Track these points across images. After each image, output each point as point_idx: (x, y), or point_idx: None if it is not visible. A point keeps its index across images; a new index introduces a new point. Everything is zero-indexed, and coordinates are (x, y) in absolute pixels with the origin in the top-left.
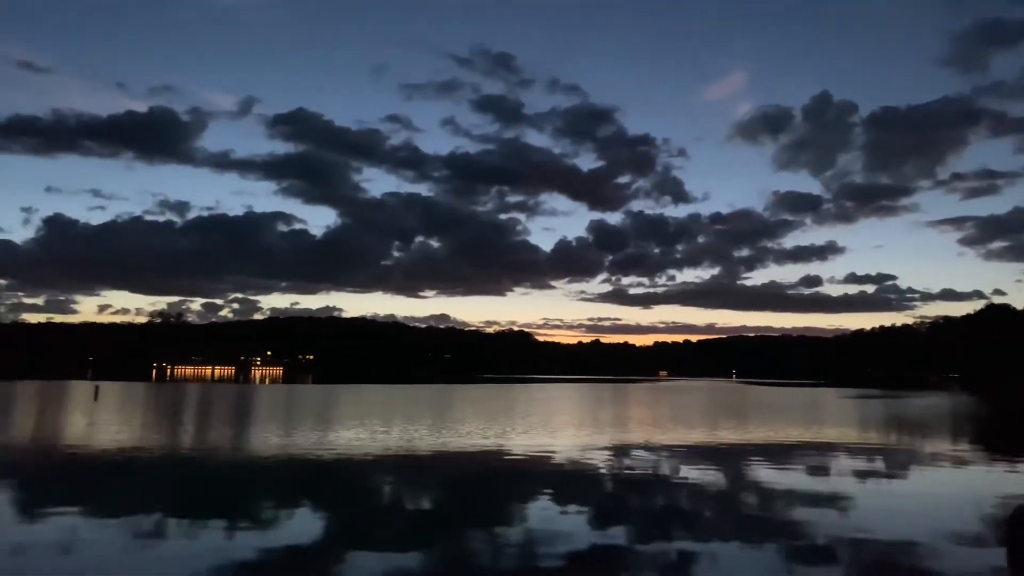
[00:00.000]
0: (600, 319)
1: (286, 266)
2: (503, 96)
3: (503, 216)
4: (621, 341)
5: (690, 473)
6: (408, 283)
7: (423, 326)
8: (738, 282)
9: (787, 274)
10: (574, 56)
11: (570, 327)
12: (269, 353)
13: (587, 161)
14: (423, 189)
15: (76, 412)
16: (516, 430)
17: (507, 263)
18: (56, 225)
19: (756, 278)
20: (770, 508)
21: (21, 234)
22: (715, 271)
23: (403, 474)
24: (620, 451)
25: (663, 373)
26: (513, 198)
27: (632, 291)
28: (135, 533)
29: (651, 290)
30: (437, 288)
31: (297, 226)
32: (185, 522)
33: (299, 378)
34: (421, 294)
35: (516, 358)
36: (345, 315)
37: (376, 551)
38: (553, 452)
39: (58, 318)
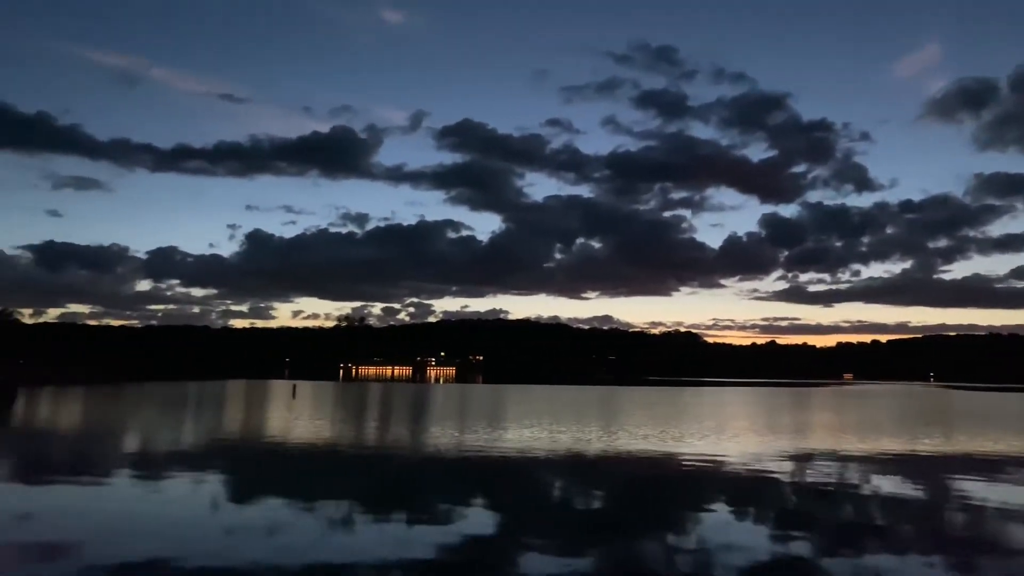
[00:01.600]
0: (775, 319)
1: (456, 271)
2: (664, 90)
3: (667, 214)
4: (799, 342)
5: (882, 484)
6: (571, 285)
7: (586, 327)
8: (935, 276)
9: (994, 266)
10: (739, 43)
11: (742, 328)
12: (443, 354)
13: (757, 151)
14: (584, 191)
15: (279, 408)
16: (689, 434)
17: (672, 262)
18: (256, 239)
19: (956, 271)
20: (976, 527)
21: (228, 248)
22: (906, 264)
23: (576, 475)
24: (803, 459)
25: (848, 376)
26: (677, 194)
27: (811, 288)
28: (328, 520)
29: (833, 287)
30: (600, 289)
31: (465, 232)
32: (371, 512)
33: (470, 377)
34: (584, 295)
35: (683, 360)
36: (511, 317)
37: (547, 551)
38: (728, 458)
39: (259, 323)
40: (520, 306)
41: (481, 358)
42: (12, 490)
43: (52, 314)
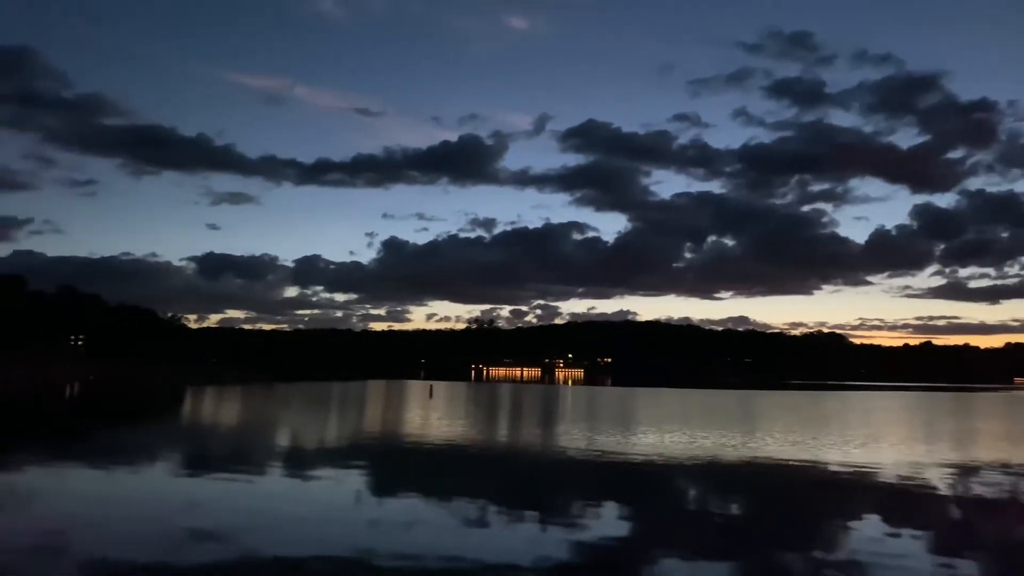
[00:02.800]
0: (931, 317)
1: (582, 273)
2: (799, 78)
3: (805, 208)
4: (959, 343)
5: None
6: (702, 285)
7: (719, 329)
8: None
9: None
10: (883, 22)
11: (892, 328)
12: (570, 356)
13: (906, 137)
14: (714, 187)
15: (417, 407)
16: (840, 441)
17: (813, 259)
18: (391, 246)
19: None
20: None
21: (366, 255)
22: None
23: (717, 481)
24: (968, 471)
25: (1020, 380)
26: (817, 187)
27: (973, 284)
28: (464, 518)
29: (998, 282)
30: (734, 289)
31: (590, 234)
32: (508, 511)
33: (598, 380)
34: (717, 296)
35: (827, 362)
36: (639, 319)
37: (682, 558)
38: (883, 467)
39: (396, 326)
40: (649, 307)
41: (609, 360)
42: (178, 481)
43: (213, 319)
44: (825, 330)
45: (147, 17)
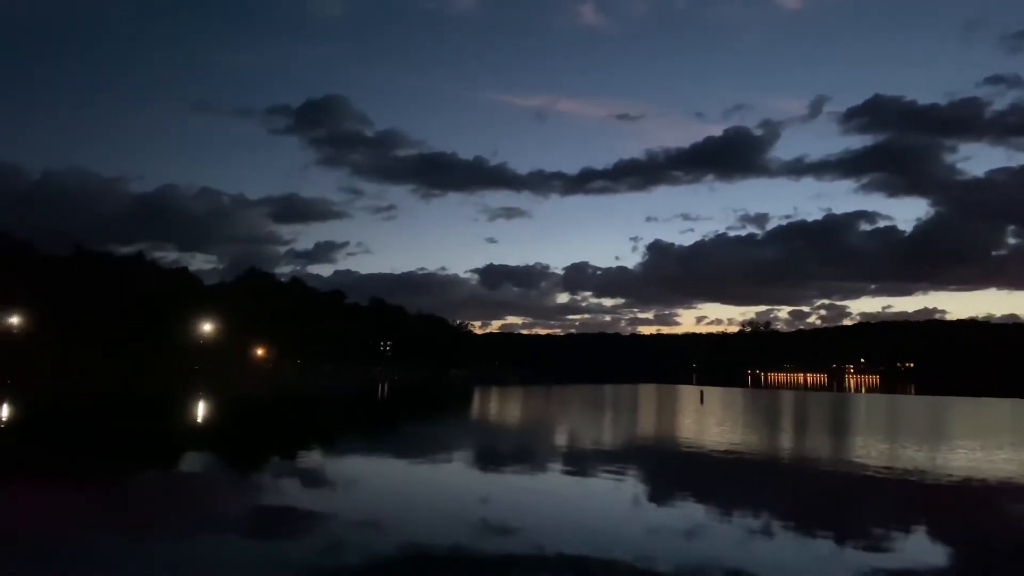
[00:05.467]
0: None
1: (874, 267)
2: None
3: None
4: None
5: None
6: None
7: None
8: None
9: None
10: None
11: None
12: (862, 360)
13: None
14: None
15: (688, 414)
16: None
17: None
18: (656, 249)
19: None
20: None
21: (631, 260)
22: None
23: None
24: None
25: None
26: None
27: None
28: (748, 530)
29: None
30: None
31: (882, 223)
32: (791, 526)
33: (899, 387)
34: None
35: None
36: (949, 317)
37: None
38: None
39: (664, 329)
40: (961, 304)
41: (911, 365)
42: (468, 475)
43: (495, 325)
44: None
45: (424, 54)
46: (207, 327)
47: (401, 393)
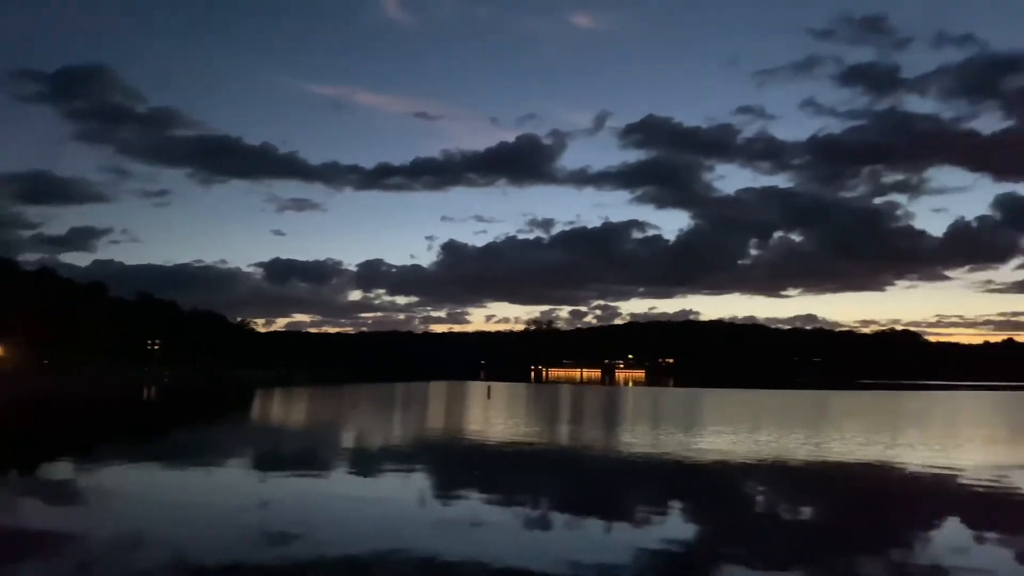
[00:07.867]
0: (1015, 314)
1: (642, 272)
2: (873, 63)
3: (878, 200)
4: None
5: None
6: (769, 282)
7: (787, 327)
8: None
9: None
10: (962, 2)
11: (972, 324)
12: (631, 356)
13: (990, 123)
14: (781, 180)
15: (475, 408)
16: (919, 442)
17: (887, 253)
18: (450, 249)
19: None
20: None
21: (426, 258)
22: None
23: (781, 484)
24: None
25: None
26: (890, 178)
27: None
28: (525, 520)
29: None
30: (802, 286)
31: (651, 232)
32: (565, 514)
33: (660, 381)
34: (783, 293)
35: (901, 361)
36: (702, 318)
37: (750, 566)
38: (962, 470)
39: (456, 328)
40: (712, 307)
41: (671, 361)
42: (246, 479)
43: (280, 323)
44: (899, 328)
45: (211, 31)
46: None
47: (170, 396)
